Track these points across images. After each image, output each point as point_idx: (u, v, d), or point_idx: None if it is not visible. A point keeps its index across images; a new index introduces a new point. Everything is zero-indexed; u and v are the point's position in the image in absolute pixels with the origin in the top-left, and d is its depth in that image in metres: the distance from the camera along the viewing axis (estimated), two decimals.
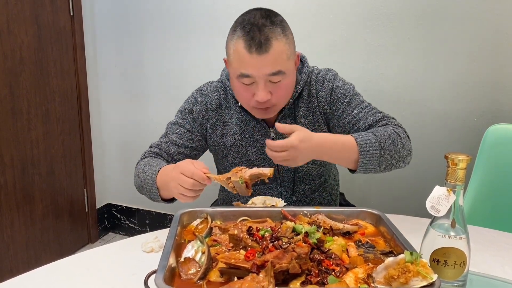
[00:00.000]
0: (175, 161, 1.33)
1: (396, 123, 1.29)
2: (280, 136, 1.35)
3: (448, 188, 0.85)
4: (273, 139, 1.36)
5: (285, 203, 1.20)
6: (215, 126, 1.39)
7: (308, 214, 1.05)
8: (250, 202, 1.22)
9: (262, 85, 1.18)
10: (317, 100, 1.35)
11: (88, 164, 2.63)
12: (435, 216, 0.87)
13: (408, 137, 1.27)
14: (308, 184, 1.42)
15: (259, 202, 1.20)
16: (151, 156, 1.34)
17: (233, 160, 1.39)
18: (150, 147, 1.40)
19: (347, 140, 1.17)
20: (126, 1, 2.46)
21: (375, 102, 2.03)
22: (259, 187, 1.40)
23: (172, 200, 1.23)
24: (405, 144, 1.24)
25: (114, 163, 2.78)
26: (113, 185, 2.82)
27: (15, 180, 2.19)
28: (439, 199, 0.86)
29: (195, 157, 1.41)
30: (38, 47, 2.23)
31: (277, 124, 1.09)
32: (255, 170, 1.05)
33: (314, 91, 1.35)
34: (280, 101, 1.25)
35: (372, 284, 0.79)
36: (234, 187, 1.07)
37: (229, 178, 1.06)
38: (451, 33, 1.90)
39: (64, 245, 2.53)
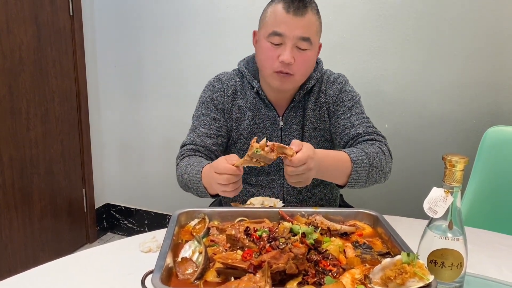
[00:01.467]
0: (211, 152, 1.38)
1: (383, 141, 1.33)
2: (289, 125, 1.40)
3: (445, 190, 0.85)
4: (281, 128, 1.40)
5: (283, 204, 1.20)
6: (230, 110, 1.43)
7: (305, 214, 1.05)
8: (248, 202, 1.22)
9: (290, 47, 1.24)
10: (325, 96, 1.41)
11: (87, 164, 2.63)
12: (432, 218, 0.87)
13: (391, 156, 1.33)
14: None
15: (257, 202, 1.20)
16: (189, 155, 1.35)
17: (241, 146, 1.43)
18: (183, 145, 1.40)
19: (342, 155, 1.21)
20: (126, 1, 2.47)
21: (375, 103, 2.05)
22: (262, 177, 1.43)
23: (218, 194, 1.23)
24: (388, 162, 1.30)
25: (113, 163, 2.78)
26: (112, 185, 2.82)
27: (14, 180, 2.19)
28: (437, 200, 0.86)
29: (225, 145, 1.45)
30: (37, 47, 2.23)
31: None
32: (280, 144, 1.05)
33: (324, 88, 1.42)
34: (300, 71, 1.29)
35: (368, 285, 0.79)
36: (258, 160, 1.05)
37: (249, 155, 1.04)
38: (450, 35, 1.91)
39: (63, 245, 2.53)
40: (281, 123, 1.41)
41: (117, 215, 2.85)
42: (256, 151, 1.02)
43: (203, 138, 1.38)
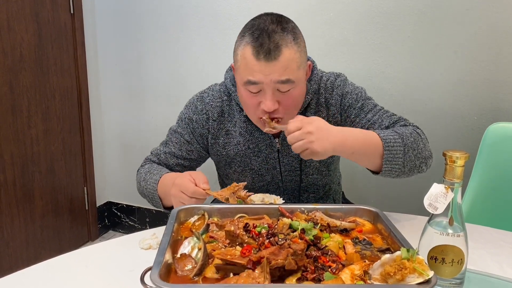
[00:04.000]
0: (173, 171, 1.32)
1: (415, 124, 1.25)
2: (286, 146, 1.29)
3: (446, 186, 0.85)
4: (278, 150, 1.31)
5: (284, 201, 1.19)
6: (217, 136, 1.33)
7: (305, 211, 1.05)
8: (248, 199, 1.21)
9: (270, 94, 1.12)
10: (327, 109, 1.29)
11: (88, 162, 2.63)
12: (433, 214, 0.87)
13: (426, 138, 1.23)
14: (312, 193, 1.40)
15: (257, 199, 1.19)
16: (151, 163, 1.34)
17: (236, 168, 1.35)
18: (151, 153, 1.39)
19: (369, 133, 1.10)
20: None
21: (376, 100, 2.03)
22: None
23: (172, 207, 1.21)
24: (426, 145, 1.19)
25: (114, 161, 2.78)
26: (113, 183, 2.82)
27: (15, 178, 2.20)
28: (437, 196, 0.85)
29: (194, 167, 1.40)
30: (38, 45, 2.23)
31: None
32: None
33: (323, 100, 1.29)
34: (288, 113, 1.17)
35: (368, 281, 0.78)
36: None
37: (228, 199, 1.07)
38: (451, 32, 1.90)
39: (64, 243, 2.54)
40: (278, 145, 1.31)
41: (119, 213, 2.85)
42: (239, 202, 1.08)
43: (168, 157, 1.35)
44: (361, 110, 1.27)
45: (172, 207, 1.18)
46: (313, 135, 1.00)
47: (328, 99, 1.29)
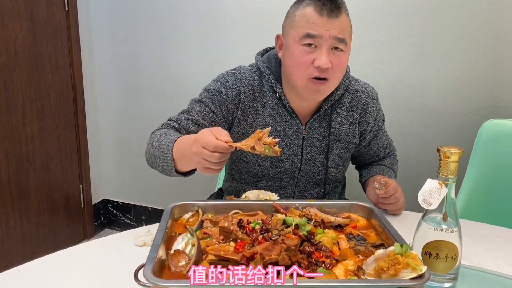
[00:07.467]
0: None
1: (395, 153, 1.57)
2: (312, 134, 1.33)
3: (440, 181, 0.85)
4: (303, 138, 1.33)
5: (279, 197, 1.19)
6: (246, 113, 1.31)
7: (300, 207, 1.05)
8: (243, 196, 1.21)
9: (326, 50, 1.16)
10: (364, 114, 1.36)
11: (84, 160, 2.62)
12: (427, 210, 0.87)
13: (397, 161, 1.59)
14: (322, 188, 1.41)
15: (252, 196, 1.19)
16: (168, 128, 1.27)
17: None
18: (169, 120, 1.31)
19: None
20: None
21: None
22: (273, 183, 1.37)
23: (187, 173, 1.14)
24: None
25: (110, 158, 2.78)
26: (109, 181, 2.81)
27: (10, 176, 2.19)
28: (431, 192, 0.86)
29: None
30: (32, 42, 2.22)
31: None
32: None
33: (362, 103, 1.35)
34: (335, 76, 1.21)
35: (362, 276, 0.78)
36: (261, 153, 0.97)
37: (254, 147, 0.97)
38: (447, 28, 1.90)
39: (60, 241, 2.53)
40: (304, 132, 1.32)
41: (115, 211, 2.85)
42: (266, 150, 0.96)
43: (190, 123, 1.26)
44: (380, 128, 1.44)
45: (185, 173, 1.13)
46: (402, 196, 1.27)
47: (369, 105, 1.37)
